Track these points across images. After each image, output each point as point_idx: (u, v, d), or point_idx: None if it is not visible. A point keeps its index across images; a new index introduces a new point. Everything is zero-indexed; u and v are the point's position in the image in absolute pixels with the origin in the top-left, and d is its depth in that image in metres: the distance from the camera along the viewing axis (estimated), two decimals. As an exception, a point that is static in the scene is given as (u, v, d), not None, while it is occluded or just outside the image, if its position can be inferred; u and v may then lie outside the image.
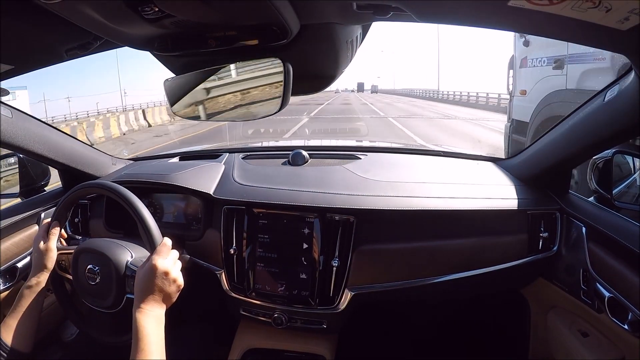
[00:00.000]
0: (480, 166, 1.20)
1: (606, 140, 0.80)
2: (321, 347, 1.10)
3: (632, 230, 0.81)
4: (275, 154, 1.32)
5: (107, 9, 0.49)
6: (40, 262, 0.82)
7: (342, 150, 1.36)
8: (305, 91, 0.73)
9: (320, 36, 0.58)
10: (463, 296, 1.27)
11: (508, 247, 0.99)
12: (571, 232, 0.96)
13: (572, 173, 1.04)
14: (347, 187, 1.03)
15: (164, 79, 0.68)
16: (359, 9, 0.51)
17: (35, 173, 1.23)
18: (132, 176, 1.18)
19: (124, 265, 0.81)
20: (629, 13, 0.41)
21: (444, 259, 0.98)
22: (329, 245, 0.98)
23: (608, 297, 0.79)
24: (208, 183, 1.10)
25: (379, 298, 1.02)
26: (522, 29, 0.51)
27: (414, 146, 1.90)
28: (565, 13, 0.42)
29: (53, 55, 0.71)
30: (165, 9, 0.48)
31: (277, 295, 1.01)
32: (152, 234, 0.76)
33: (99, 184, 0.89)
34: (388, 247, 0.98)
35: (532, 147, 1.06)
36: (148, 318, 0.67)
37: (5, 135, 0.93)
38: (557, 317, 1.03)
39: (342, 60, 0.65)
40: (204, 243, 1.07)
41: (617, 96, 0.70)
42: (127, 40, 0.61)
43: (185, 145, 5.42)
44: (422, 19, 0.52)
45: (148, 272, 0.71)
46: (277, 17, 0.50)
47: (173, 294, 0.73)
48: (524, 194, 1.01)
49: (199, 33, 0.58)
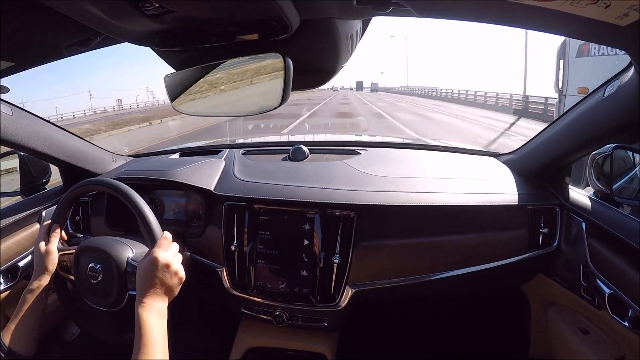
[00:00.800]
0: (480, 161, 1.21)
1: (606, 136, 0.80)
2: (322, 345, 1.10)
3: (632, 226, 0.81)
4: (276, 150, 1.32)
5: (107, 5, 0.49)
6: (42, 265, 0.82)
7: (342, 146, 1.36)
8: (306, 86, 0.73)
9: (320, 31, 0.58)
10: (463, 293, 1.27)
11: (508, 243, 0.99)
12: (571, 227, 0.96)
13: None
14: (347, 182, 1.03)
15: (164, 75, 0.68)
16: (359, 4, 0.51)
17: (35, 171, 1.23)
18: (133, 173, 1.18)
19: (125, 261, 0.82)
20: (628, 9, 0.41)
21: (444, 254, 0.99)
22: (329, 242, 0.98)
23: (608, 294, 0.79)
24: (208, 179, 1.10)
25: (380, 295, 1.03)
26: (522, 24, 0.51)
27: (414, 141, 1.90)
28: (565, 9, 0.42)
29: (53, 52, 0.72)
30: (165, 5, 0.48)
31: (278, 293, 1.01)
32: (153, 229, 0.76)
33: (99, 181, 0.89)
34: (388, 243, 0.98)
35: (532, 142, 1.06)
36: (151, 312, 0.67)
37: (6, 132, 0.93)
38: (557, 313, 1.03)
39: (342, 55, 0.65)
40: (204, 240, 1.08)
41: (616, 91, 0.70)
42: (127, 36, 0.61)
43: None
44: (421, 14, 0.52)
45: (149, 265, 0.71)
46: (278, 12, 0.50)
47: (175, 287, 0.73)
48: (524, 189, 1.01)
49: (200, 28, 0.58)
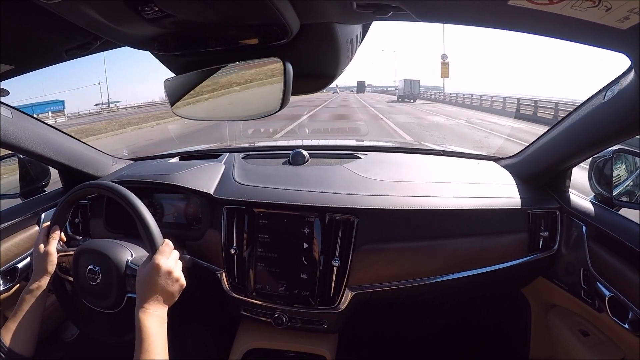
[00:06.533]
0: (481, 165, 1.20)
1: (606, 139, 0.80)
2: (322, 347, 1.10)
3: (632, 229, 0.81)
4: (276, 154, 1.32)
5: (107, 9, 0.49)
6: (41, 266, 0.82)
7: (342, 150, 1.35)
8: (306, 90, 0.73)
9: (320, 35, 0.58)
10: (464, 296, 1.27)
11: (508, 247, 0.99)
12: (571, 231, 0.96)
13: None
14: (347, 186, 1.03)
15: (164, 79, 0.68)
16: (359, 9, 0.51)
17: (35, 173, 1.22)
18: (132, 176, 1.18)
19: (124, 264, 0.82)
20: (628, 12, 0.41)
21: (444, 258, 0.98)
22: (329, 245, 0.98)
23: (609, 297, 0.79)
24: (208, 183, 1.10)
25: (380, 298, 1.03)
26: (522, 28, 0.51)
27: (414, 145, 1.89)
28: (565, 12, 0.42)
29: (53, 55, 0.72)
30: (165, 9, 0.48)
31: (277, 295, 1.01)
32: (153, 234, 0.76)
33: (98, 184, 0.89)
34: (389, 247, 0.98)
35: (533, 146, 1.06)
36: (151, 318, 0.67)
37: (6, 135, 0.93)
38: (557, 316, 1.03)
39: (342, 60, 0.65)
40: (204, 243, 1.07)
41: (617, 95, 0.70)
42: (127, 40, 0.61)
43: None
44: (422, 18, 0.52)
45: (151, 272, 0.71)
46: (277, 17, 0.50)
47: (175, 294, 0.73)
48: (525, 193, 1.01)
49: (199, 33, 0.58)
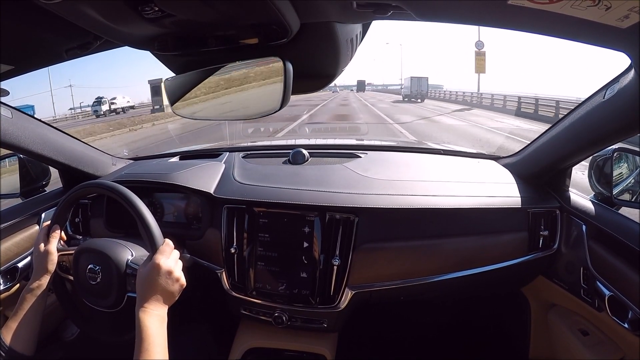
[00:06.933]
0: (480, 164, 1.20)
1: (606, 138, 0.80)
2: (321, 346, 1.10)
3: (632, 228, 0.81)
4: (276, 153, 1.32)
5: (107, 9, 0.49)
6: (41, 265, 0.82)
7: (342, 149, 1.35)
8: (306, 90, 0.73)
9: (320, 35, 0.58)
10: (463, 295, 1.27)
11: (508, 246, 0.99)
12: (571, 230, 0.96)
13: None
14: (347, 185, 1.03)
15: (164, 79, 0.68)
16: (359, 8, 0.51)
17: (35, 173, 1.23)
18: (133, 176, 1.18)
19: (125, 263, 0.82)
20: (628, 11, 0.41)
21: (444, 257, 0.99)
22: (329, 244, 0.98)
23: (608, 296, 0.79)
24: (208, 182, 1.10)
25: (380, 297, 1.03)
26: (522, 27, 0.51)
27: (414, 144, 1.89)
28: (565, 11, 0.42)
29: (53, 55, 0.72)
30: (165, 9, 0.48)
31: (277, 294, 1.01)
32: (153, 233, 0.76)
33: (99, 183, 0.89)
34: (389, 246, 0.98)
35: (533, 145, 1.06)
36: (152, 318, 0.67)
37: (6, 135, 0.93)
38: (557, 315, 1.03)
39: (342, 59, 0.65)
40: (204, 242, 1.08)
41: (617, 94, 0.70)
42: (127, 40, 0.61)
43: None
44: (422, 17, 0.52)
45: (151, 272, 0.71)
46: (277, 16, 0.50)
47: (176, 293, 0.73)
48: (525, 192, 1.01)
49: (199, 32, 0.58)
